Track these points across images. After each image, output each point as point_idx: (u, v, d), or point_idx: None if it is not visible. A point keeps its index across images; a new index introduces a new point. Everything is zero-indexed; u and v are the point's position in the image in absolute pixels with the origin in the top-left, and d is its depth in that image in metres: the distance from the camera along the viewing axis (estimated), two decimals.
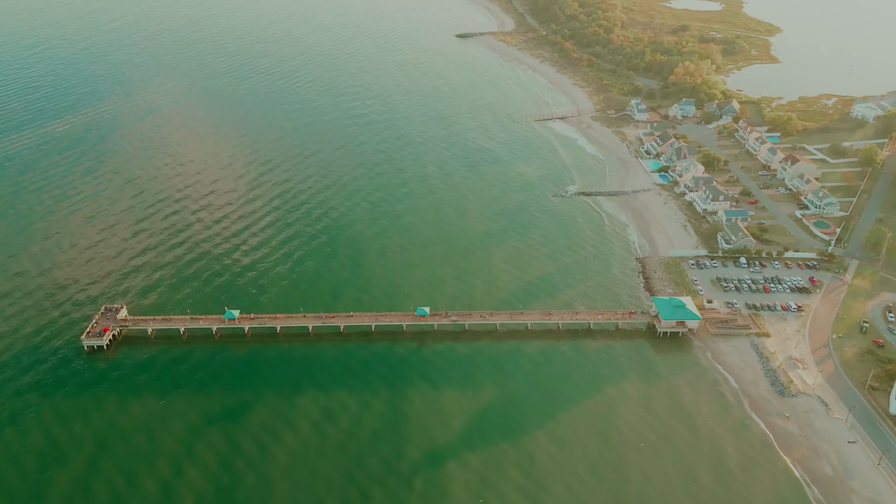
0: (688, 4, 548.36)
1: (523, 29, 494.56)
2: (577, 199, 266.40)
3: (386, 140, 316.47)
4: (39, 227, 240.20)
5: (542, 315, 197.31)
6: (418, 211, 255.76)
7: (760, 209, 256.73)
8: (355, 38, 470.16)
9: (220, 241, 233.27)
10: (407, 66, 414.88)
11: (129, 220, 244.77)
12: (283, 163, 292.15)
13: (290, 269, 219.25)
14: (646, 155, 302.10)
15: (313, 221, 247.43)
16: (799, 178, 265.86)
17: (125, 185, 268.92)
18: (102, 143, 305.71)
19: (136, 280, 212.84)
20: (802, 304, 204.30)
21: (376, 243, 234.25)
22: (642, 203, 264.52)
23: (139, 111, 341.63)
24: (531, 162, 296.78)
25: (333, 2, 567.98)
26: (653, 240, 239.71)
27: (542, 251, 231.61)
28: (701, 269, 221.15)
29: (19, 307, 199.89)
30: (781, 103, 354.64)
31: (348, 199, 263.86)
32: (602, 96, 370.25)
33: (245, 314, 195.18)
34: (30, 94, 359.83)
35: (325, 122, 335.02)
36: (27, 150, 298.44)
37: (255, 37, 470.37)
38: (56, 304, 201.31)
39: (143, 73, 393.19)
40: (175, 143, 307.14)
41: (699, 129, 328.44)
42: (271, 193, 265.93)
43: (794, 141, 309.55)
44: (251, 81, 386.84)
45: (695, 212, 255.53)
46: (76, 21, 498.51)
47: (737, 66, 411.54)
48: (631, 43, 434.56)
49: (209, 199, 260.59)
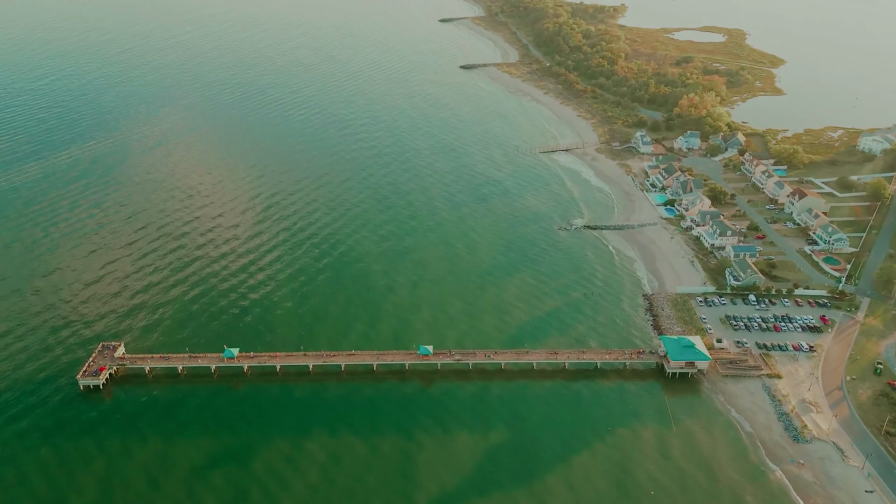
0: (691, 36, 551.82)
1: (527, 60, 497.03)
2: (583, 233, 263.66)
3: (394, 172, 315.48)
4: (42, 262, 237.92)
5: (548, 354, 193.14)
6: (427, 245, 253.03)
7: (769, 244, 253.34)
8: (363, 69, 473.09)
9: (224, 278, 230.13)
10: (414, 97, 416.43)
11: (132, 255, 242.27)
12: (289, 195, 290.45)
13: (295, 306, 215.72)
14: (651, 188, 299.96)
15: (319, 256, 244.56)
16: (807, 213, 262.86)
17: (129, 219, 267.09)
18: (108, 174, 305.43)
19: (136, 317, 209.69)
20: (814, 343, 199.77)
21: (384, 279, 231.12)
22: (648, 237, 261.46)
23: (145, 142, 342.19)
24: (538, 194, 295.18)
25: (341, 33, 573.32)
26: (660, 275, 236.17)
27: (549, 286, 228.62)
28: (709, 306, 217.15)
29: (17, 345, 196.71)
30: (787, 135, 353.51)
31: (356, 233, 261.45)
32: (606, 128, 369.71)
33: (244, 353, 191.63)
34: (37, 125, 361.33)
35: (333, 154, 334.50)
36: (32, 181, 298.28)
37: (263, 68, 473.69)
38: (55, 341, 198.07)
39: (150, 104, 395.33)
40: (180, 176, 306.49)
41: (705, 161, 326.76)
42: (277, 227, 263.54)
43: (800, 174, 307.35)
44: (259, 113, 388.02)
45: (702, 247, 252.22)
46: (87, 52, 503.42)
47: (741, 98, 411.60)
48: (635, 74, 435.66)
49: (213, 233, 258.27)
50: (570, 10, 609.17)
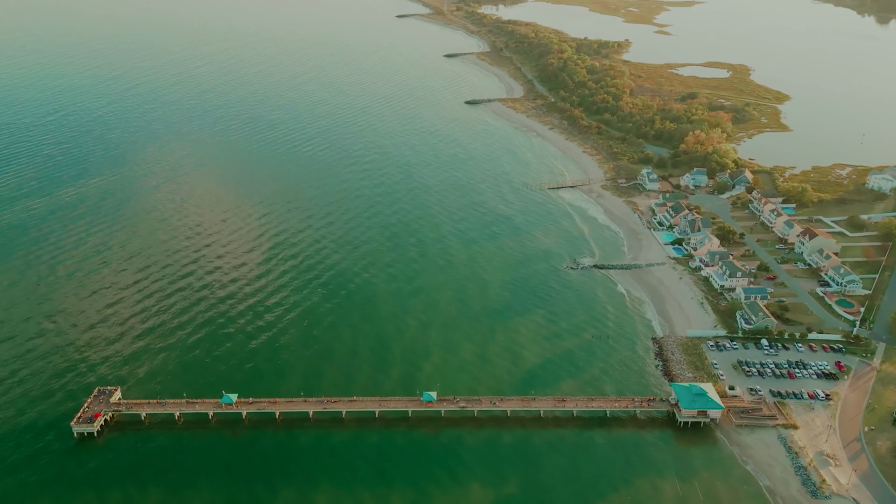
0: (695, 72, 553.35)
1: (532, 96, 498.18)
2: (591, 272, 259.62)
3: (403, 209, 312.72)
4: (44, 303, 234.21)
5: (555, 402, 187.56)
6: (437, 286, 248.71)
7: (779, 285, 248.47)
8: (372, 104, 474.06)
9: (227, 320, 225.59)
10: (423, 133, 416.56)
11: (134, 297, 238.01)
12: (295, 233, 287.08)
13: (301, 349, 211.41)
14: (658, 226, 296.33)
15: (326, 297, 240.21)
16: (818, 254, 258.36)
17: (133, 258, 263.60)
18: (113, 211, 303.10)
19: (136, 360, 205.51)
20: (830, 391, 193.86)
21: (393, 321, 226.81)
22: (657, 277, 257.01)
23: (152, 179, 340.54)
24: (547, 232, 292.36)
25: (351, 69, 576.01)
26: (669, 318, 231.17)
27: (558, 328, 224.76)
28: (721, 350, 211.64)
29: (14, 391, 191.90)
30: (794, 173, 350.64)
31: (364, 271, 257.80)
32: (612, 164, 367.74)
33: (243, 398, 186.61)
34: (44, 160, 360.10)
35: (341, 190, 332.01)
36: (38, 217, 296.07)
37: (273, 103, 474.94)
38: (53, 386, 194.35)
39: (158, 140, 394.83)
40: (185, 213, 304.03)
41: (712, 199, 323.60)
42: (282, 267, 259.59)
43: (809, 213, 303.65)
44: (268, 148, 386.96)
45: (711, 288, 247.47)
46: (97, 87, 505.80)
47: (747, 134, 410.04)
48: (640, 110, 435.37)
49: (217, 274, 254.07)
50: (575, 46, 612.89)
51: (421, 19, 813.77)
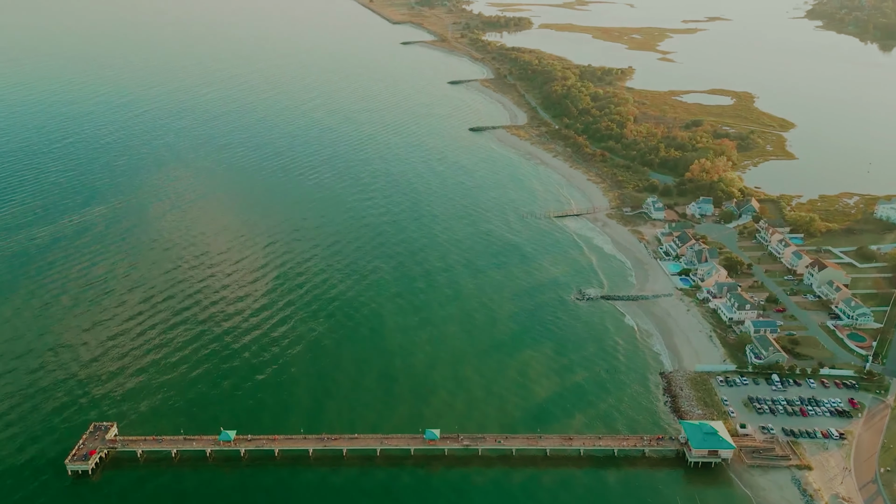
0: (699, 99, 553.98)
1: (536, 123, 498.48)
2: (598, 304, 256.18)
3: (409, 238, 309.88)
4: (44, 335, 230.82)
5: (562, 440, 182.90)
6: (445, 318, 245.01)
7: (789, 318, 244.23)
8: (379, 131, 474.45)
9: (229, 354, 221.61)
10: (430, 161, 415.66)
11: (135, 330, 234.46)
12: (300, 263, 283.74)
13: (305, 384, 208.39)
14: (665, 256, 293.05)
15: (332, 329, 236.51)
16: (828, 286, 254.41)
17: (134, 289, 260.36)
18: (117, 240, 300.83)
19: (134, 395, 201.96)
20: (844, 430, 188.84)
21: (400, 355, 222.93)
22: (664, 309, 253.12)
23: (157, 207, 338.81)
24: (554, 261, 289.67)
25: (358, 95, 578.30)
26: (677, 351, 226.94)
27: (565, 361, 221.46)
28: (731, 386, 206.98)
29: (13, 427, 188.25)
30: (801, 202, 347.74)
31: (371, 302, 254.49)
32: (617, 193, 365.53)
33: (242, 435, 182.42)
34: (50, 188, 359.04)
35: (349, 219, 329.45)
36: (42, 246, 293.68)
37: (281, 129, 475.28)
38: (51, 422, 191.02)
39: (165, 167, 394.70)
40: (190, 243, 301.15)
41: (718, 228, 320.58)
42: (286, 299, 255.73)
43: (818, 243, 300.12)
44: (275, 176, 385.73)
45: (720, 320, 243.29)
46: (105, 113, 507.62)
47: (753, 163, 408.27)
48: (644, 138, 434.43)
49: (219, 306, 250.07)
50: (578, 73, 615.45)
51: (425, 46, 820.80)
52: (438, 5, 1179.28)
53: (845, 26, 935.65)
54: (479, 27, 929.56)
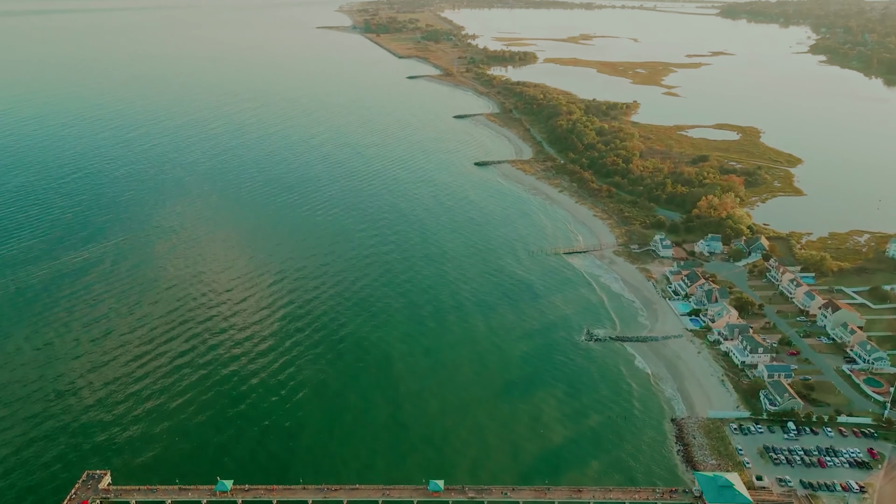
0: (705, 134, 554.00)
1: (541, 157, 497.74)
2: (607, 345, 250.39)
3: (420, 275, 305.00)
4: (41, 380, 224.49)
5: (571, 492, 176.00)
6: (456, 360, 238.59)
7: (803, 361, 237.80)
8: (387, 166, 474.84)
9: (230, 399, 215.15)
10: (438, 196, 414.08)
11: (135, 373, 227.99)
12: (307, 302, 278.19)
13: (311, 431, 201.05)
14: (674, 295, 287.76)
15: (339, 372, 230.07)
16: (842, 328, 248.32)
17: (136, 330, 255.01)
18: (121, 278, 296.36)
19: (132, 441, 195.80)
20: (864, 482, 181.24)
21: (410, 400, 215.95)
22: (674, 351, 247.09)
23: (162, 244, 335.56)
24: (564, 299, 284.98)
25: (367, 129, 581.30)
26: (689, 396, 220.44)
27: (575, 405, 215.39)
28: (745, 434, 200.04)
29: (10, 476, 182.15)
30: (811, 239, 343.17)
31: (380, 342, 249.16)
32: (624, 229, 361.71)
33: (239, 485, 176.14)
34: (51, 225, 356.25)
35: (357, 256, 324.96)
36: (41, 285, 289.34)
37: (290, 163, 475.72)
38: (46, 470, 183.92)
39: (171, 203, 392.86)
40: (194, 280, 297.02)
41: (727, 266, 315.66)
42: (291, 340, 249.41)
43: (829, 282, 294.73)
44: (283, 211, 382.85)
45: (732, 364, 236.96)
46: (114, 147, 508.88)
47: (760, 199, 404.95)
48: (650, 173, 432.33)
49: (223, 349, 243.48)
50: (584, 108, 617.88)
51: (431, 80, 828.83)
52: (444, 40, 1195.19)
53: (849, 61, 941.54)
54: (485, 61, 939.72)
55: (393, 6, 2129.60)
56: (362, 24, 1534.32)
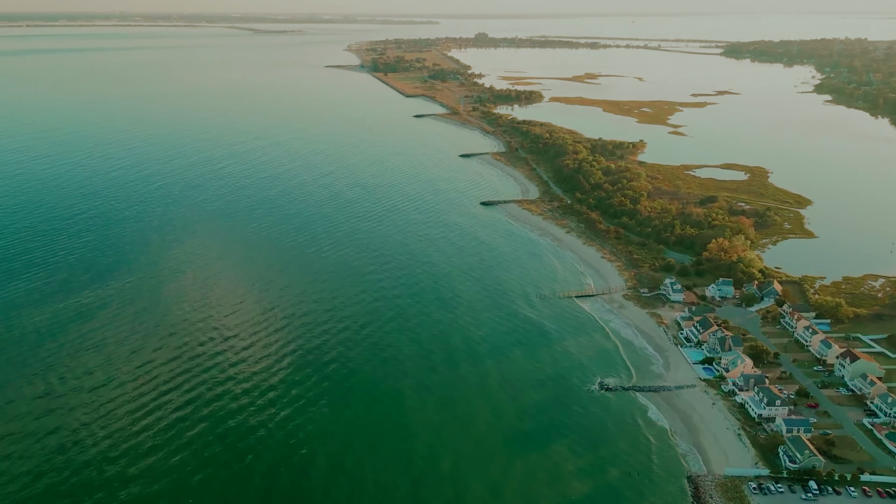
0: (712, 174, 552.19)
1: (548, 197, 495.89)
2: (620, 394, 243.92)
3: (431, 321, 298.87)
4: (37, 432, 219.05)
5: None
6: (471, 412, 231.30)
7: (822, 415, 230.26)
8: (399, 205, 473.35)
9: (233, 457, 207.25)
10: (449, 236, 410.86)
11: (132, 428, 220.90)
12: (316, 347, 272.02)
13: (320, 494, 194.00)
14: (686, 342, 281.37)
15: (349, 427, 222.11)
16: (861, 379, 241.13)
17: (137, 378, 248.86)
18: (121, 324, 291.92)
19: (130, 499, 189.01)
20: None
21: (425, 460, 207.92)
22: (687, 402, 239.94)
23: (165, 286, 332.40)
24: (576, 346, 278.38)
25: (378, 168, 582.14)
26: (704, 451, 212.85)
27: (590, 460, 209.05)
28: (765, 494, 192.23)
29: None
30: (825, 283, 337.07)
31: (391, 391, 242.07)
32: (633, 272, 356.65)
33: None
34: (56, 267, 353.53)
35: (367, 298, 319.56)
36: (40, 331, 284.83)
37: (300, 204, 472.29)
38: None
39: (177, 243, 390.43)
40: (199, 323, 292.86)
41: (740, 312, 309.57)
42: (297, 390, 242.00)
43: (846, 329, 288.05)
44: (293, 252, 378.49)
45: (748, 417, 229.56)
46: (123, 187, 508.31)
47: (771, 241, 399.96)
48: (658, 214, 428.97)
49: (226, 399, 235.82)
50: (590, 147, 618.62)
51: (438, 119, 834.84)
52: (450, 79, 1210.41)
53: (855, 101, 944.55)
54: (491, 100, 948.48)
55: (400, 46, 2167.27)
56: (370, 63, 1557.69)
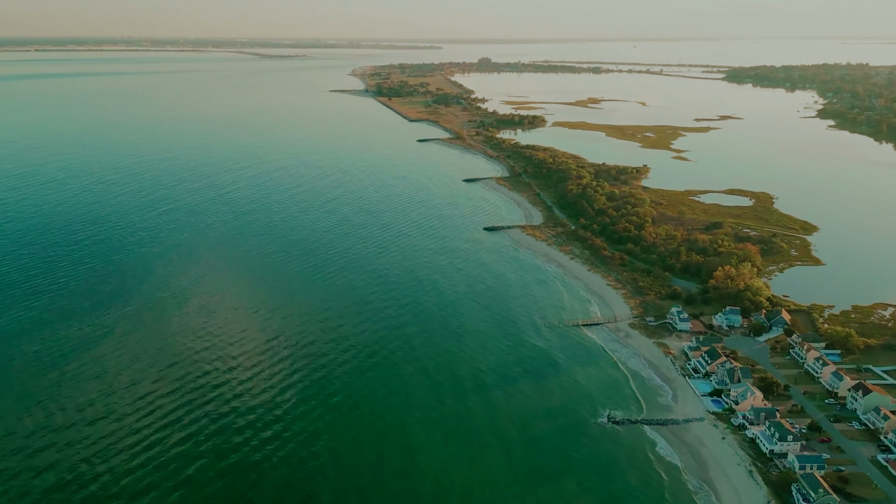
0: (717, 199, 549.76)
1: (552, 223, 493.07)
2: (628, 428, 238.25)
3: (440, 351, 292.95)
4: (32, 468, 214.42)
5: None
6: (483, 449, 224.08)
7: (835, 450, 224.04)
8: (406, 231, 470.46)
9: (236, 491, 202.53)
10: (456, 262, 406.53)
11: (124, 466, 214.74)
12: (322, 377, 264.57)
13: None
14: (694, 373, 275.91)
15: (356, 465, 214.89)
16: (874, 413, 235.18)
17: (136, 409, 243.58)
18: (125, 350, 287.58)
19: None
20: None
21: (432, 498, 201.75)
22: (696, 437, 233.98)
23: (166, 314, 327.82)
24: (585, 376, 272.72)
25: (383, 194, 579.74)
26: (716, 489, 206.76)
27: (602, 497, 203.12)
28: None
29: None
30: (834, 312, 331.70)
31: (400, 424, 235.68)
32: (638, 300, 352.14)
33: None
34: (56, 295, 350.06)
35: (374, 325, 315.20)
36: (48, 355, 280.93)
37: (308, 229, 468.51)
38: None
39: (181, 270, 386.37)
40: (203, 351, 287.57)
41: (748, 342, 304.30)
42: (298, 425, 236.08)
43: (857, 360, 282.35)
44: (300, 279, 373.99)
45: (759, 452, 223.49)
46: (129, 213, 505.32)
47: (778, 268, 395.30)
48: (664, 241, 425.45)
49: (228, 433, 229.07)
50: (593, 172, 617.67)
51: (441, 143, 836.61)
52: (454, 103, 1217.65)
53: (858, 126, 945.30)
54: (494, 125, 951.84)
55: (404, 70, 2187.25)
56: (374, 87, 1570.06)
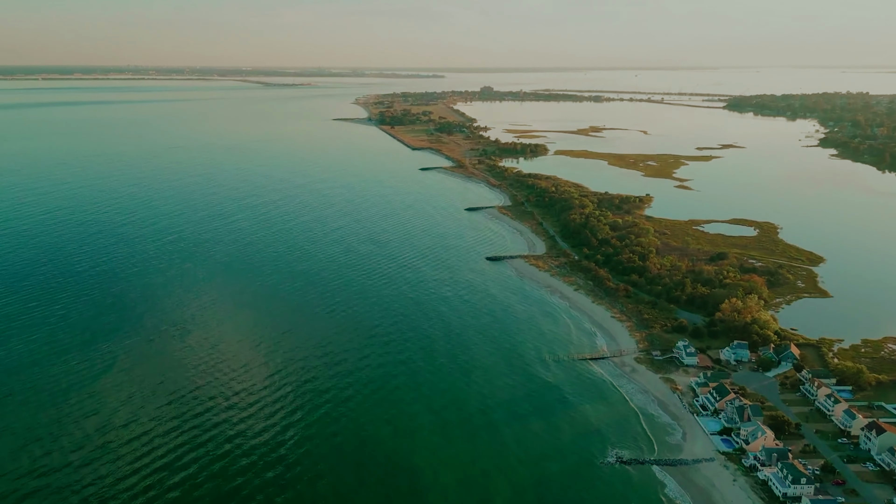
0: (721, 229, 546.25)
1: (554, 253, 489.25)
2: (637, 469, 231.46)
3: (445, 383, 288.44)
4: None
5: None
6: (493, 491, 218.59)
7: (850, 493, 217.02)
8: (412, 261, 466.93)
9: None
10: (461, 293, 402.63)
11: (120, 496, 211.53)
12: (323, 416, 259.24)
13: None
14: (702, 411, 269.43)
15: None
16: (889, 453, 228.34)
17: (132, 450, 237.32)
18: (119, 387, 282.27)
19: None
20: None
21: None
22: (706, 478, 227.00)
23: (167, 345, 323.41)
24: (591, 412, 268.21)
25: (389, 223, 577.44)
26: None
27: None
28: None
29: None
30: (843, 346, 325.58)
31: (406, 464, 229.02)
32: (644, 333, 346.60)
33: None
34: (58, 323, 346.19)
35: (381, 357, 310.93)
36: (46, 390, 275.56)
37: (313, 259, 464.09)
38: None
39: (182, 301, 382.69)
40: (205, 385, 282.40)
41: (757, 377, 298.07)
42: (300, 467, 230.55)
43: (868, 397, 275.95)
44: (305, 311, 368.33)
45: (772, 495, 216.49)
46: (132, 242, 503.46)
47: (785, 300, 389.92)
48: (668, 272, 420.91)
49: (222, 480, 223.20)
50: (596, 201, 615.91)
51: (444, 172, 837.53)
52: (456, 132, 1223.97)
53: (860, 155, 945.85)
54: (496, 153, 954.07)
55: (407, 99, 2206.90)
56: (377, 116, 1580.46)
